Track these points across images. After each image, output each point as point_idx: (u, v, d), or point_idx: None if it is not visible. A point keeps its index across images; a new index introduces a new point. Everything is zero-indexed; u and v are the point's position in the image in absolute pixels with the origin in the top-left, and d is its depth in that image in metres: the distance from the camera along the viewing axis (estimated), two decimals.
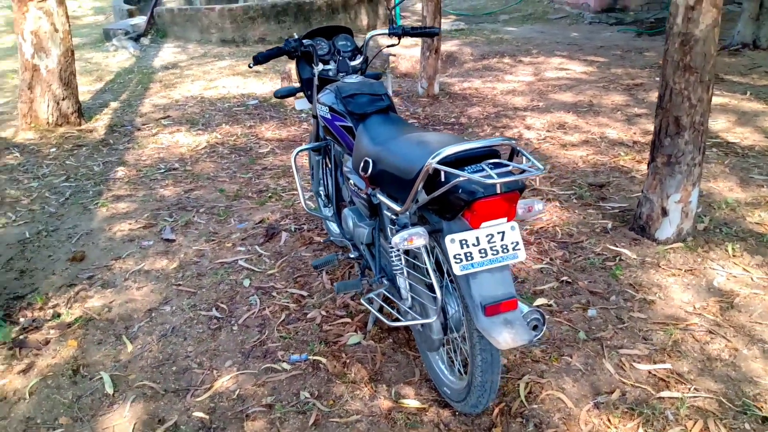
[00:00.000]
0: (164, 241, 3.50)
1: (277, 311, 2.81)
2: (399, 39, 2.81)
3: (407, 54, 7.99)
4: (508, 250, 1.79)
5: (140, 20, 9.96)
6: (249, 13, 9.51)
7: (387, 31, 2.77)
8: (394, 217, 2.08)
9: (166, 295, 2.97)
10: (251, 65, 2.60)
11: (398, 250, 2.09)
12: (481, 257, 1.77)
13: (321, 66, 2.72)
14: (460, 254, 1.75)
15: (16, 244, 3.51)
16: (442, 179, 1.72)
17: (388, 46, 2.84)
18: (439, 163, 1.69)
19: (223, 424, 2.19)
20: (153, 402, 2.30)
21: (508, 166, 1.69)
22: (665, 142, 3.06)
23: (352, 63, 2.76)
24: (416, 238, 1.82)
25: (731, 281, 2.89)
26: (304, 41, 2.64)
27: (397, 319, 2.23)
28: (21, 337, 2.64)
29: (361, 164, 2.16)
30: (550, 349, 2.51)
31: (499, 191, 1.68)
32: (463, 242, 1.76)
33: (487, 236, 1.78)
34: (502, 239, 1.79)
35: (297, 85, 2.91)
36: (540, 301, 2.81)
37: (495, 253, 1.78)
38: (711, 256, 3.09)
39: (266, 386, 2.36)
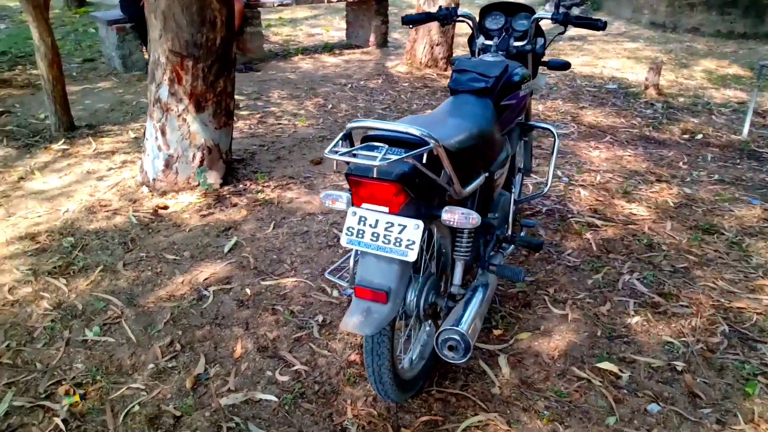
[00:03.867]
0: None
1: None
2: (565, 27, 2.55)
3: None
4: (400, 245, 1.72)
5: None
6: None
7: (551, 16, 2.54)
8: None
9: (330, 210, 3.50)
10: (404, 24, 2.77)
11: None
12: (371, 240, 1.74)
13: (482, 39, 2.70)
14: (353, 228, 1.77)
15: (299, 140, 4.51)
16: None
17: (558, 35, 2.59)
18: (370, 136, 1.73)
19: (254, 304, 2.66)
20: (240, 270, 2.91)
21: (387, 153, 1.60)
22: None
23: (516, 43, 2.65)
24: (338, 201, 1.87)
25: None
26: (459, 12, 2.66)
27: None
28: (225, 194, 3.56)
29: None
30: (560, 411, 2.15)
31: (335, 168, 1.63)
32: (363, 219, 1.76)
33: (387, 223, 1.74)
34: (399, 232, 1.72)
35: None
36: (608, 366, 2.34)
37: (386, 242, 1.73)
38: None
39: (306, 299, 2.71)
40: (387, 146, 1.64)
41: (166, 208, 3.40)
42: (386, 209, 1.72)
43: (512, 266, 2.36)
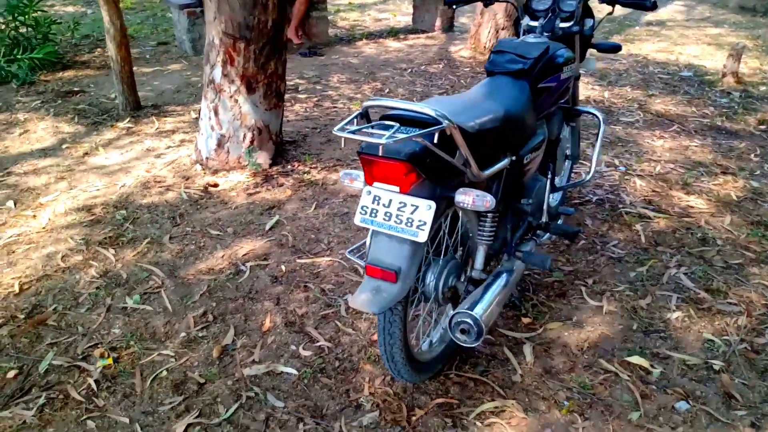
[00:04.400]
0: None
1: None
2: (612, 7, 2.44)
3: None
4: (411, 225, 1.71)
5: None
6: None
7: None
8: None
9: None
10: (445, 5, 2.73)
11: None
12: (384, 220, 1.75)
13: (527, 20, 2.63)
14: (367, 207, 1.78)
15: None
16: None
17: (607, 15, 2.47)
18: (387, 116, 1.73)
19: (287, 280, 2.73)
20: (278, 247, 2.98)
21: (397, 131, 1.59)
22: None
23: (562, 24, 2.56)
24: (356, 180, 1.88)
25: None
26: None
27: None
28: (273, 174, 3.65)
29: None
30: (581, 403, 2.09)
31: (342, 145, 1.63)
32: (377, 198, 1.77)
33: (399, 203, 1.74)
34: (412, 213, 1.72)
35: None
36: (639, 361, 2.25)
37: (398, 222, 1.73)
38: None
39: (337, 278, 2.75)
40: (398, 125, 1.63)
41: (216, 185, 3.52)
42: (397, 188, 1.72)
43: (539, 254, 2.30)
